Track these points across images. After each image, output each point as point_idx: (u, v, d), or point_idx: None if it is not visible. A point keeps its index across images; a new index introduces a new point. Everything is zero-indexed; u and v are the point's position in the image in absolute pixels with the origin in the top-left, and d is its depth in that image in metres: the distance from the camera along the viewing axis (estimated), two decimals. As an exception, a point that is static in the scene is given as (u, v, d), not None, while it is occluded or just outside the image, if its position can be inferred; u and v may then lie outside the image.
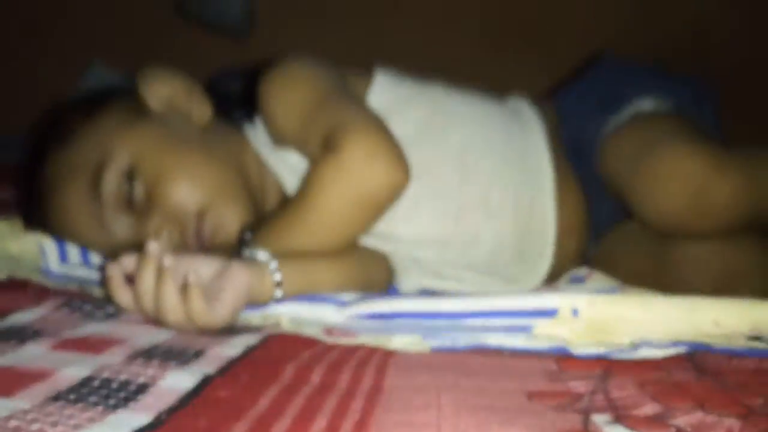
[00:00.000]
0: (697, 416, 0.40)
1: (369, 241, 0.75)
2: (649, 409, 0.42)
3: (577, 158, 0.83)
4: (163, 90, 0.76)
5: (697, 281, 0.77)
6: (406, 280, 0.79)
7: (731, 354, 0.52)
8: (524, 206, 0.79)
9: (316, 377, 0.45)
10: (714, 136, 0.81)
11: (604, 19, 1.38)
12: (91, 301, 0.60)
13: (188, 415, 0.38)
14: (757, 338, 0.54)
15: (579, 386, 0.45)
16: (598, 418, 0.40)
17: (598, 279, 0.79)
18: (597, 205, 0.83)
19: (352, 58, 0.82)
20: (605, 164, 0.80)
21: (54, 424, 0.35)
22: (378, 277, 0.75)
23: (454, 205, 0.77)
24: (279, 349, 0.51)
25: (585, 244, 0.84)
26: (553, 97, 0.91)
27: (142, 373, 0.43)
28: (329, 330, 0.57)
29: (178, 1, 1.40)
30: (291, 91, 0.74)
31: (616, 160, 0.79)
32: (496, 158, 0.79)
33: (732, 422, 0.40)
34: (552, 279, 0.82)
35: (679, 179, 0.71)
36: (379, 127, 0.69)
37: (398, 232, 0.76)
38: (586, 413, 0.41)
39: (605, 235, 0.84)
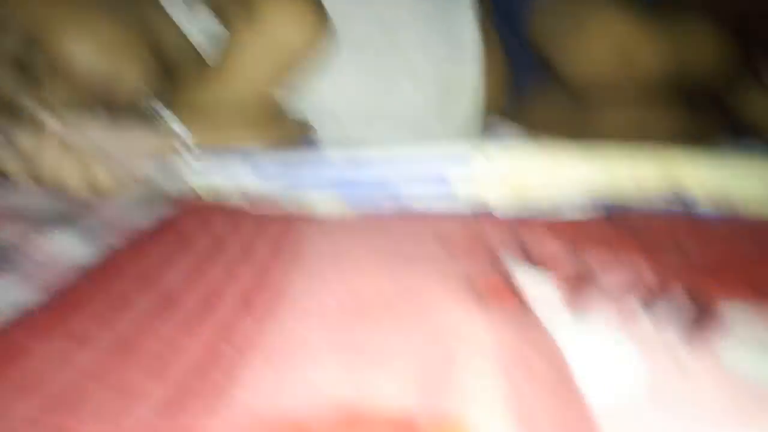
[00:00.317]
0: (607, 257, 0.41)
1: (293, 105, 0.73)
2: (561, 251, 0.42)
3: (504, 23, 0.82)
4: None
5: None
6: (328, 142, 0.77)
7: (648, 213, 0.52)
8: (449, 73, 0.79)
9: (233, 246, 0.43)
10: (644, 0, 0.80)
11: None
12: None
13: (85, 289, 0.35)
14: (674, 196, 0.54)
15: (492, 234, 0.45)
16: (508, 260, 0.40)
17: (513, 132, 0.79)
18: (520, 70, 0.83)
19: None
20: (535, 28, 0.79)
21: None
22: (296, 138, 0.73)
23: (379, 71, 0.76)
24: (193, 219, 0.49)
25: (505, 107, 0.84)
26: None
27: (32, 241, 0.40)
28: (249, 197, 0.54)
29: None
30: None
31: (547, 24, 0.78)
32: (422, 27, 0.78)
33: (641, 263, 0.40)
34: (473, 138, 0.82)
35: (607, 41, 0.71)
36: None
37: (322, 97, 0.74)
38: (496, 256, 0.41)
39: (526, 98, 0.84)
